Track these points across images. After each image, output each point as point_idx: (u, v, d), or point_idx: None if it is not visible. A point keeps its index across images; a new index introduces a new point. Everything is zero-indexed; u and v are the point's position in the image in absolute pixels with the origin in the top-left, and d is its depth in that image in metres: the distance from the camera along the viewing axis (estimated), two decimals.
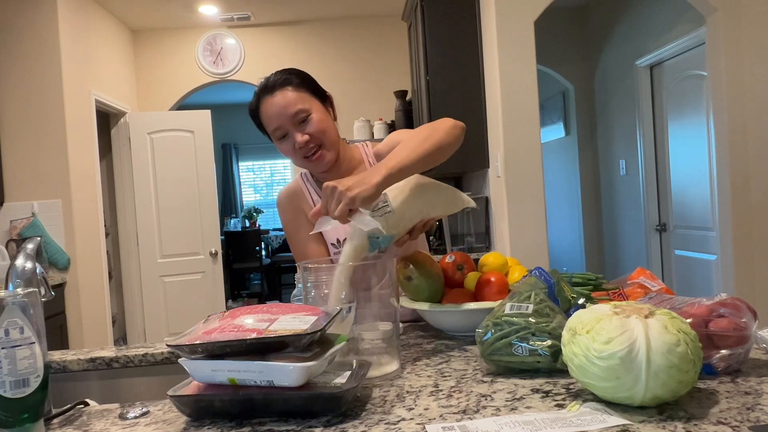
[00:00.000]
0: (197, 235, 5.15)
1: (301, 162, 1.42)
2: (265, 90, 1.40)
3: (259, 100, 1.41)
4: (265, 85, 1.41)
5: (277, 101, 1.38)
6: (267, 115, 1.39)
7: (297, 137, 1.37)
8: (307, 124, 1.38)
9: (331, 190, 1.05)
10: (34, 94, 3.87)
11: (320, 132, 1.39)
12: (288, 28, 5.37)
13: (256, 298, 7.72)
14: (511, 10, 3.25)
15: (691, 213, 3.96)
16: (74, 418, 0.92)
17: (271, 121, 1.39)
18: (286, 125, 1.38)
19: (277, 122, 1.38)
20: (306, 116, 1.38)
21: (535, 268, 1.17)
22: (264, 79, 1.42)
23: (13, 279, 1.00)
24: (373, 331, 1.01)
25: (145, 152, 5.04)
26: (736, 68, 3.28)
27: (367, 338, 1.00)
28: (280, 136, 1.40)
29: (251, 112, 1.44)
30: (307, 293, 1.04)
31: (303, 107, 1.37)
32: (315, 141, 1.39)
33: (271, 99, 1.38)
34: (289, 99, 1.37)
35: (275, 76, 1.41)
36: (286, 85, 1.39)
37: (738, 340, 0.90)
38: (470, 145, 3.63)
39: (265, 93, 1.40)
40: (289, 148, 1.40)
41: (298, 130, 1.38)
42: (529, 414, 0.80)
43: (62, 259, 3.86)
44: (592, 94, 5.26)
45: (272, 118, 1.38)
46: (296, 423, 0.82)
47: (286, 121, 1.37)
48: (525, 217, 3.27)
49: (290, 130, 1.38)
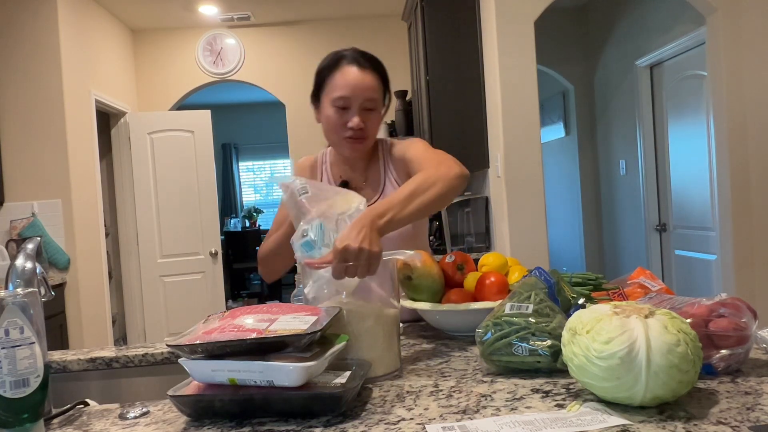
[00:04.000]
0: (197, 235, 5.14)
1: (339, 137, 1.45)
2: (354, 59, 1.42)
3: (340, 62, 1.42)
4: (358, 54, 1.43)
5: (362, 77, 1.41)
6: (344, 80, 1.40)
7: (355, 118, 1.41)
8: (369, 113, 1.43)
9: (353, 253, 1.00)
10: (34, 94, 3.87)
11: (373, 130, 1.46)
12: (288, 28, 5.37)
13: (256, 298, 7.72)
14: (511, 10, 3.25)
15: (691, 213, 3.96)
16: (74, 418, 0.92)
17: (343, 88, 1.40)
18: (354, 101, 1.40)
19: (350, 92, 1.40)
20: (372, 107, 1.43)
21: (535, 268, 1.17)
22: (352, 50, 1.44)
23: (13, 279, 1.00)
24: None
25: (145, 152, 5.03)
26: (736, 68, 3.28)
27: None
28: (341, 105, 1.41)
29: (328, 66, 1.44)
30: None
31: (376, 98, 1.43)
32: (365, 132, 1.43)
33: (358, 71, 1.41)
34: (372, 83, 1.42)
35: (369, 55, 1.44)
36: (376, 71, 1.44)
37: (738, 340, 0.90)
38: (470, 145, 3.63)
39: (352, 61, 1.41)
40: (337, 119, 1.42)
41: (359, 113, 1.41)
42: (529, 414, 0.80)
43: (62, 259, 3.86)
44: (592, 94, 5.26)
45: (348, 86, 1.40)
46: (296, 423, 0.82)
47: (357, 97, 1.40)
48: (525, 217, 3.27)
49: (354, 107, 1.41)
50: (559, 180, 5.75)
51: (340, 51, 1.45)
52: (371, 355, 0.99)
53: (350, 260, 0.99)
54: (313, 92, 1.49)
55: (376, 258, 1.01)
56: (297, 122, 5.34)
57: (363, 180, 1.54)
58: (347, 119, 1.41)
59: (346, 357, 0.97)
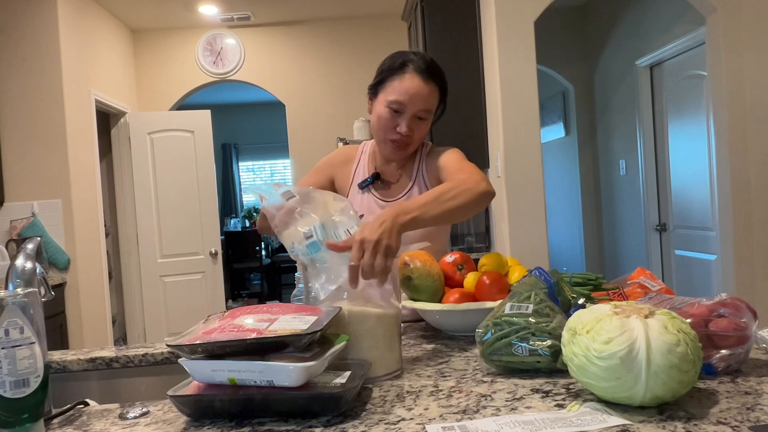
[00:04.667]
0: (197, 235, 5.14)
1: (385, 138, 1.50)
2: (421, 68, 1.45)
3: (407, 66, 1.45)
4: (424, 65, 1.46)
5: (423, 88, 1.45)
6: (404, 86, 1.44)
7: (404, 125, 1.46)
8: (419, 122, 1.48)
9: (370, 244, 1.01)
10: (34, 94, 3.87)
11: (419, 137, 1.52)
12: (288, 28, 5.37)
13: (256, 298, 7.72)
14: (511, 10, 3.25)
15: (691, 213, 3.96)
16: (74, 418, 0.92)
17: (402, 94, 1.44)
18: (409, 108, 1.45)
19: (406, 99, 1.44)
20: (425, 117, 1.49)
21: (535, 268, 1.17)
22: (422, 58, 1.47)
23: (13, 279, 1.00)
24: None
25: (145, 152, 5.03)
26: (736, 68, 3.28)
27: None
28: (395, 108, 1.45)
29: (392, 67, 1.47)
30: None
31: (430, 110, 1.49)
32: (411, 139, 1.49)
33: (421, 81, 1.44)
34: (430, 96, 1.47)
35: (434, 66, 1.48)
36: (438, 84, 1.48)
37: (738, 340, 0.90)
38: (470, 145, 3.63)
39: (418, 70, 1.45)
40: (389, 120, 1.47)
41: (409, 120, 1.46)
42: (529, 414, 0.80)
43: (62, 259, 3.86)
44: (592, 94, 5.26)
45: (407, 93, 1.44)
46: (296, 423, 0.82)
47: (412, 105, 1.45)
48: (525, 217, 3.27)
49: (407, 113, 1.45)
50: (559, 180, 5.75)
51: (408, 54, 1.49)
52: (372, 356, 0.98)
53: (368, 249, 0.99)
54: (372, 85, 1.53)
55: (392, 252, 1.02)
56: (297, 122, 5.34)
57: (396, 176, 1.60)
58: (397, 123, 1.47)
59: (346, 357, 0.97)
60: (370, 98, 1.55)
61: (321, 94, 5.32)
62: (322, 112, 5.32)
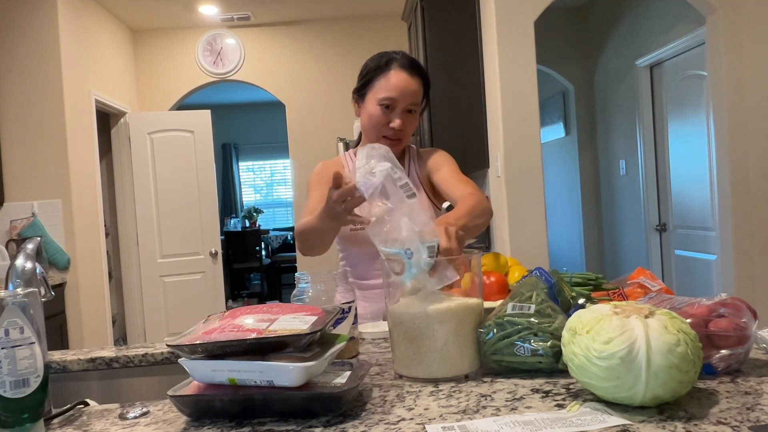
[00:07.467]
0: (197, 235, 5.14)
1: (379, 135, 1.54)
2: (405, 64, 1.52)
3: (392, 63, 1.52)
4: (407, 61, 1.53)
5: (410, 82, 1.51)
6: (393, 83, 1.50)
7: (397, 120, 1.52)
8: (409, 116, 1.54)
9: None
10: (34, 94, 3.87)
11: (410, 129, 1.57)
12: (288, 28, 5.37)
13: (256, 298, 7.72)
14: (511, 10, 3.25)
15: (691, 213, 3.96)
16: (74, 418, 0.92)
17: (392, 90, 1.50)
18: (399, 103, 1.51)
19: (396, 94, 1.50)
20: (413, 111, 1.54)
21: (535, 268, 1.17)
22: (404, 56, 1.54)
23: (13, 279, 1.00)
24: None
25: (145, 152, 5.03)
26: (736, 68, 3.28)
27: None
28: (385, 104, 1.51)
29: (378, 66, 1.52)
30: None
31: (417, 103, 1.54)
32: (404, 133, 1.55)
33: (407, 76, 1.51)
34: (417, 89, 1.53)
35: (417, 62, 1.55)
36: (422, 78, 1.55)
37: (738, 340, 0.90)
38: (470, 145, 3.63)
39: (403, 66, 1.51)
40: (381, 118, 1.52)
41: (401, 114, 1.52)
42: (529, 414, 0.80)
43: (62, 259, 3.86)
44: (592, 94, 5.26)
45: (397, 88, 1.50)
46: (296, 423, 0.82)
47: (403, 100, 1.50)
48: (525, 217, 3.27)
49: (398, 108, 1.51)
50: (559, 180, 5.75)
51: (390, 53, 1.54)
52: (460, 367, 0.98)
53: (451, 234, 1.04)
54: (358, 88, 1.57)
55: (464, 240, 1.09)
56: (297, 122, 5.34)
57: None
58: (390, 119, 1.52)
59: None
60: (356, 102, 1.59)
61: (321, 94, 5.32)
62: (322, 112, 5.32)
